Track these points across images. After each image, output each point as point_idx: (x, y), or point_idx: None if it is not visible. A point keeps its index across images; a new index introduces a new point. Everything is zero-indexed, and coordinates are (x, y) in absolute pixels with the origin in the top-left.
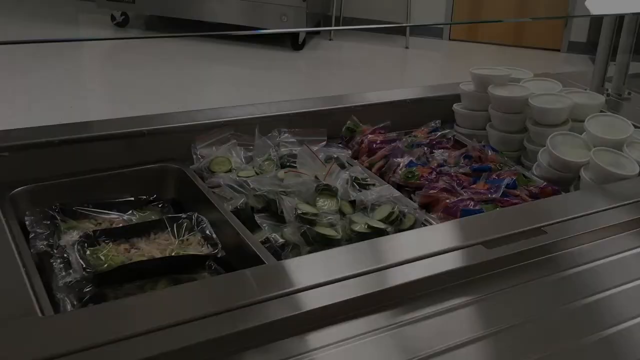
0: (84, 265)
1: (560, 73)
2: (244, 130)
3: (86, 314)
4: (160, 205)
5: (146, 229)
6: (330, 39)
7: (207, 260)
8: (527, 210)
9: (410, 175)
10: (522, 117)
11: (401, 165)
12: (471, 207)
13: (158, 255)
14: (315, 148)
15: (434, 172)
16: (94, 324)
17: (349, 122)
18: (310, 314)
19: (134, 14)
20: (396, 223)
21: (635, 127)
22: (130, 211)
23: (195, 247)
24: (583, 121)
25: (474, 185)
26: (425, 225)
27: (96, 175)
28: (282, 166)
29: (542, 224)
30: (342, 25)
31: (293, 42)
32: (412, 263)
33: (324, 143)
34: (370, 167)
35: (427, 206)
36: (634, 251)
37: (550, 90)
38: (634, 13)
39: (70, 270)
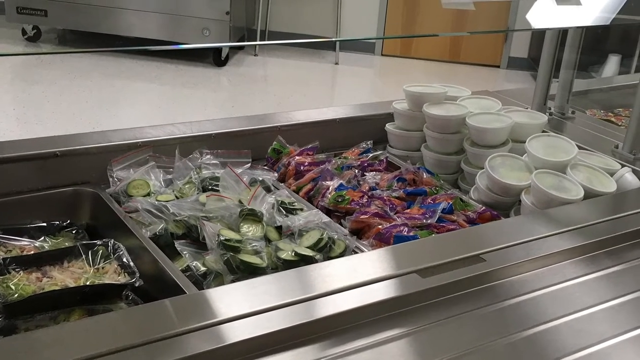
0: None
1: (500, 91)
2: (163, 151)
3: None
4: (74, 231)
5: (59, 257)
6: (255, 54)
7: (124, 290)
8: (465, 236)
9: (340, 200)
10: (459, 138)
11: (330, 188)
12: (405, 233)
13: (72, 284)
14: (239, 170)
15: (366, 196)
16: (3, 358)
17: (275, 142)
18: (234, 347)
19: (47, 28)
20: (325, 250)
21: (580, 148)
22: (42, 237)
23: (112, 275)
24: (524, 142)
25: (408, 210)
26: (356, 253)
27: (5, 199)
28: (204, 190)
29: (480, 251)
30: (268, 40)
31: (215, 58)
32: (342, 293)
33: (249, 165)
34: (297, 191)
35: (358, 232)
36: (578, 280)
37: (489, 109)
38: (577, 27)
39: None
